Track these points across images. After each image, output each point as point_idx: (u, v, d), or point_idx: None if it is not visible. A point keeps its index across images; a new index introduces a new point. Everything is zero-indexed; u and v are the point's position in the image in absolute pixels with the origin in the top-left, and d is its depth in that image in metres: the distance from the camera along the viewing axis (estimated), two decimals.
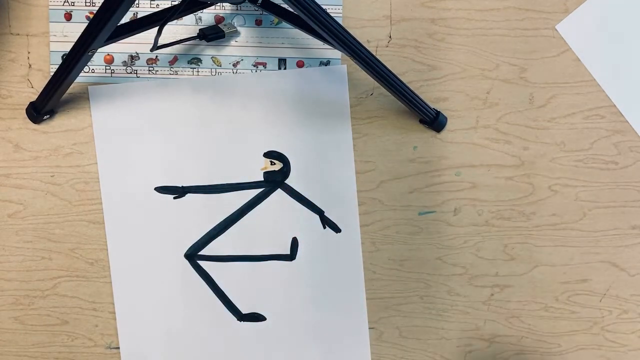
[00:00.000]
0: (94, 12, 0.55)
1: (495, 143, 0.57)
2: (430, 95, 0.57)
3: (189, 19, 0.56)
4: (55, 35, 0.55)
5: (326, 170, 0.57)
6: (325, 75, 0.56)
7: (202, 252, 0.57)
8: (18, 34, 0.56)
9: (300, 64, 0.56)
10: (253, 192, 0.57)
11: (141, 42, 0.56)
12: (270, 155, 0.57)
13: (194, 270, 0.57)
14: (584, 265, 0.58)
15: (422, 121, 0.56)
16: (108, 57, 0.56)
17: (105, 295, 0.57)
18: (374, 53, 0.50)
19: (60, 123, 0.56)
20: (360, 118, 0.57)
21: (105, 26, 0.40)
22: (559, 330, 0.58)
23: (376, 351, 0.58)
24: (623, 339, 0.58)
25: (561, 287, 0.58)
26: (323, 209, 0.57)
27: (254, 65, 0.56)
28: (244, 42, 0.56)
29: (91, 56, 0.45)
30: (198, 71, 0.56)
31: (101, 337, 0.57)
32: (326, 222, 0.57)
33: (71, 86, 0.52)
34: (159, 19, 0.49)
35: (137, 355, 0.57)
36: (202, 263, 0.57)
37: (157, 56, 0.56)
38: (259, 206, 0.57)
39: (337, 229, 0.57)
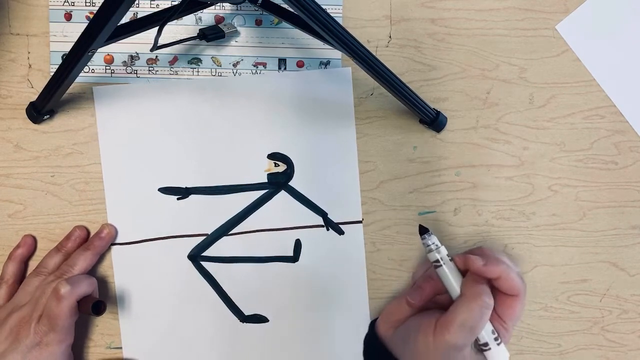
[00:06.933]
0: (94, 12, 0.55)
1: (495, 143, 0.57)
2: (430, 95, 0.57)
3: (189, 19, 0.56)
4: (55, 35, 0.55)
5: (329, 173, 0.57)
6: (329, 78, 0.56)
7: (206, 253, 0.57)
8: (18, 34, 0.56)
9: (300, 64, 0.56)
10: (257, 194, 0.57)
11: (141, 42, 0.56)
12: (274, 156, 0.56)
13: (197, 271, 0.57)
14: (583, 265, 0.58)
15: (422, 121, 0.56)
16: (108, 57, 0.56)
17: (106, 296, 0.57)
18: (374, 53, 0.50)
19: (60, 123, 0.56)
20: (360, 118, 0.57)
21: (105, 26, 0.40)
22: (559, 330, 0.58)
23: None
24: (623, 339, 0.58)
25: (561, 287, 0.58)
26: (326, 211, 0.57)
27: (254, 65, 0.56)
28: (244, 42, 0.56)
29: (91, 56, 0.45)
30: (198, 71, 0.56)
31: (101, 337, 0.57)
32: (329, 224, 0.57)
33: (71, 86, 0.51)
34: (159, 19, 0.49)
35: (138, 355, 0.57)
36: (205, 264, 0.57)
37: (157, 56, 0.56)
38: (262, 208, 0.57)
39: (340, 231, 0.57)
